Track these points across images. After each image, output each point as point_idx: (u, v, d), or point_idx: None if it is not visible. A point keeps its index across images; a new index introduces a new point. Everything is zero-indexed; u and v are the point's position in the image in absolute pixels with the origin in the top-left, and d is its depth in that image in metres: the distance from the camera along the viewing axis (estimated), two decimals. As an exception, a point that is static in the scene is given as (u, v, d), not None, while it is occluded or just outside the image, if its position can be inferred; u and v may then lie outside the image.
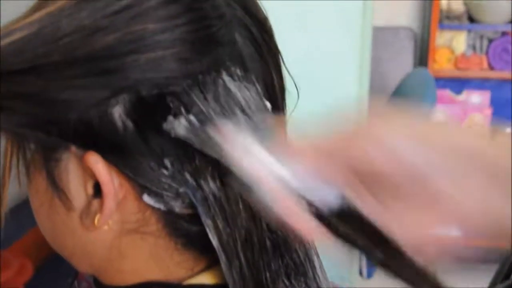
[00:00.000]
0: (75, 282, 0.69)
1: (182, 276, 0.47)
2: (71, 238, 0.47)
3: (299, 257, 0.47)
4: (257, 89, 0.44)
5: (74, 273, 0.68)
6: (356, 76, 1.34)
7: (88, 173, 0.43)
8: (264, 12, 0.48)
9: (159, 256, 0.47)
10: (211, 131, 0.42)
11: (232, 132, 0.41)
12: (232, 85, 0.43)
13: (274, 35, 0.48)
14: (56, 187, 0.45)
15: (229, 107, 0.43)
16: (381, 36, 2.85)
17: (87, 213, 0.45)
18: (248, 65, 0.45)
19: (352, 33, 1.31)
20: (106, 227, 0.45)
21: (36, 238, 0.94)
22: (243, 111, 0.43)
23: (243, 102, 0.43)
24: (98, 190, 0.44)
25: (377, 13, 2.71)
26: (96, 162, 0.42)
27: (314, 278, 0.47)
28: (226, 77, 0.43)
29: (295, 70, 0.50)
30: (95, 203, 0.44)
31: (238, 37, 0.45)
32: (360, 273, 1.92)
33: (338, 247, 0.42)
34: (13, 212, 0.50)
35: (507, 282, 1.11)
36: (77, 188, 0.45)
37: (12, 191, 0.48)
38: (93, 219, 0.45)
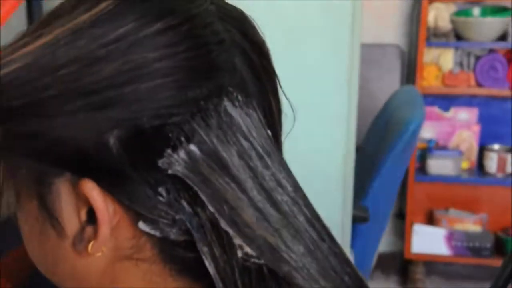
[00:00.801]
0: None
1: None
2: (62, 264, 0.46)
3: (298, 285, 0.46)
4: (258, 115, 0.44)
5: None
6: (345, 94, 1.34)
7: (82, 199, 0.43)
8: (262, 35, 0.48)
9: (152, 282, 0.46)
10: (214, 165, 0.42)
11: None
12: (233, 111, 0.43)
13: (272, 59, 0.48)
14: (48, 213, 0.44)
15: (232, 134, 0.42)
16: (368, 53, 2.85)
17: (80, 240, 0.44)
18: (248, 90, 0.44)
19: (340, 51, 1.31)
20: (99, 254, 0.45)
21: (17, 259, 0.93)
22: (246, 138, 0.43)
23: (245, 129, 0.43)
24: (91, 217, 0.43)
25: (364, 30, 2.72)
26: (92, 189, 0.42)
27: None
28: (227, 103, 0.42)
29: (283, 89, 0.50)
30: (89, 229, 0.44)
31: (238, 62, 0.44)
32: None
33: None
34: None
35: None
36: (69, 214, 0.44)
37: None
38: (87, 246, 0.44)
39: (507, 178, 2.83)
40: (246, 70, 0.45)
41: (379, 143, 1.95)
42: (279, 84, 0.49)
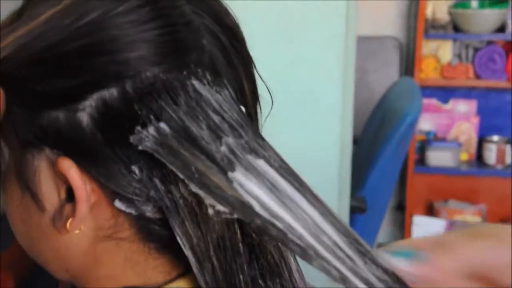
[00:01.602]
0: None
1: (159, 281, 0.48)
2: (45, 241, 0.48)
3: (273, 258, 0.47)
4: (229, 92, 0.45)
5: (55, 286, 0.68)
6: (340, 86, 1.34)
7: (61, 177, 0.44)
8: (235, 20, 0.49)
9: (134, 261, 0.47)
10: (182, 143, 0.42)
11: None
12: (202, 89, 0.43)
13: (246, 43, 0.49)
14: (29, 189, 0.46)
15: (201, 110, 0.43)
16: (367, 46, 2.86)
17: (59, 217, 0.45)
18: (218, 70, 0.45)
19: (335, 43, 1.31)
20: (77, 232, 0.46)
21: (18, 252, 0.94)
22: (216, 112, 0.43)
23: (215, 104, 0.43)
24: (71, 195, 0.44)
25: (362, 22, 2.72)
26: (69, 168, 0.43)
27: (290, 279, 0.47)
28: (195, 81, 0.43)
29: (279, 81, 0.50)
30: (68, 207, 0.45)
31: (206, 44, 0.45)
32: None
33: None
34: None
35: None
36: (49, 191, 0.45)
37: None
38: (65, 223, 0.45)
39: (506, 169, 2.84)
40: (216, 51, 0.46)
41: (376, 135, 1.96)
42: (255, 68, 0.50)
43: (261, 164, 0.42)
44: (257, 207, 0.41)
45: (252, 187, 0.42)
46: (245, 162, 0.42)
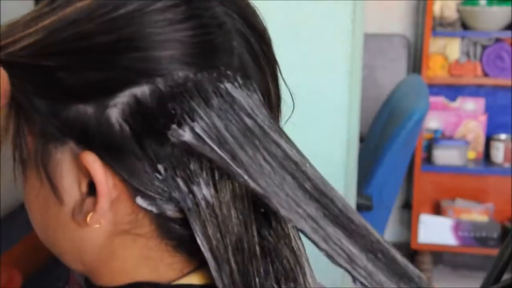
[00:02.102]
0: (66, 287, 0.69)
1: (172, 278, 0.48)
2: (62, 233, 0.48)
3: (289, 263, 0.47)
4: (258, 96, 0.45)
5: (65, 278, 0.68)
6: (346, 83, 1.34)
7: (83, 171, 0.44)
8: (264, 23, 0.49)
9: (149, 258, 0.47)
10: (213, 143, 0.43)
11: None
12: (235, 92, 0.44)
13: (273, 46, 0.49)
14: (50, 181, 0.46)
15: (234, 113, 0.43)
16: (374, 43, 2.85)
17: (79, 210, 0.46)
18: (248, 74, 0.45)
19: (342, 40, 1.31)
20: (97, 226, 0.46)
21: (26, 249, 0.94)
22: (249, 116, 0.44)
23: (248, 108, 0.44)
24: (92, 189, 0.45)
25: (370, 20, 2.72)
26: (93, 162, 0.44)
27: (304, 284, 0.48)
28: (227, 84, 0.44)
29: (286, 78, 0.51)
30: (89, 201, 0.45)
31: (236, 46, 0.45)
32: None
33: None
34: (2, 223, 0.51)
35: (497, 285, 1.11)
36: (70, 184, 0.46)
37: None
38: (86, 217, 0.45)
39: (514, 168, 2.83)
40: (246, 54, 0.46)
41: (383, 132, 1.96)
42: (279, 71, 0.50)
43: (289, 180, 0.45)
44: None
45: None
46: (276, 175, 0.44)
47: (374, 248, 0.45)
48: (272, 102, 0.48)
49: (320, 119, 1.37)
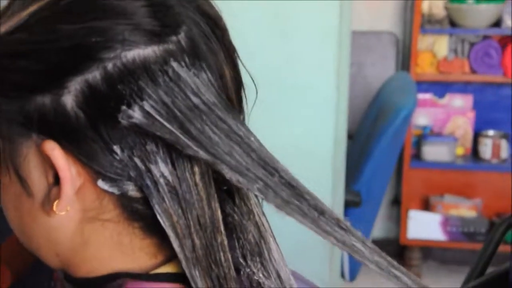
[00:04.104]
0: (52, 283, 0.69)
1: (146, 263, 0.49)
2: (35, 226, 0.49)
3: (254, 238, 0.48)
4: (207, 76, 0.47)
5: (50, 275, 0.69)
6: (334, 80, 1.35)
7: (49, 163, 0.46)
8: (218, 11, 0.50)
9: (120, 243, 0.49)
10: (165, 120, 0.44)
11: None
12: (181, 71, 0.45)
13: (228, 33, 0.51)
14: (19, 175, 0.48)
15: (180, 90, 0.45)
16: (363, 41, 2.87)
17: (48, 200, 0.47)
18: (197, 54, 0.47)
19: (329, 37, 1.32)
20: (64, 213, 0.47)
21: (14, 247, 0.94)
22: (194, 94, 0.45)
23: (193, 86, 0.45)
24: (58, 179, 0.46)
25: (359, 17, 2.73)
26: (52, 149, 0.45)
27: (270, 259, 0.49)
28: (174, 63, 0.45)
29: (274, 76, 0.52)
30: (55, 190, 0.47)
31: (185, 29, 0.47)
32: (342, 275, 1.93)
33: (318, 248, 0.43)
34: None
35: (481, 279, 1.13)
36: (39, 177, 0.47)
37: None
38: (53, 205, 0.47)
39: (502, 164, 2.85)
40: (196, 36, 0.47)
41: (371, 129, 1.97)
42: (238, 57, 0.51)
43: (237, 149, 0.45)
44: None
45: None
46: (224, 144, 0.45)
47: (318, 208, 0.47)
48: (227, 84, 0.49)
49: (308, 116, 1.38)
